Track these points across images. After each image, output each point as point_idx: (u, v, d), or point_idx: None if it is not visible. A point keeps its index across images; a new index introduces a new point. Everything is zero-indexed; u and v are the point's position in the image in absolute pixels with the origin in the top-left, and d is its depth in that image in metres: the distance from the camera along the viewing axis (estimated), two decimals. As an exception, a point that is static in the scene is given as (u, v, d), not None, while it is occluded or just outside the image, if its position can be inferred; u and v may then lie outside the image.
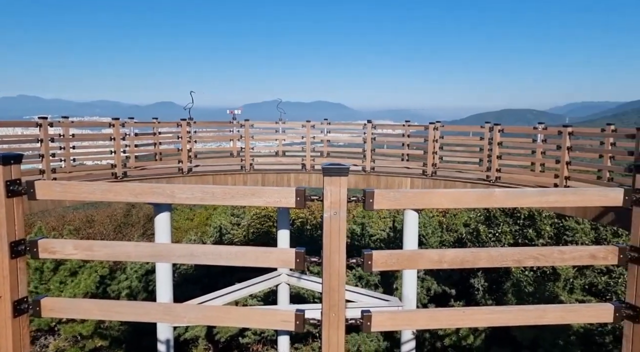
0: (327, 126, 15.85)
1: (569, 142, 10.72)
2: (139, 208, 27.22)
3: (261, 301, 17.08)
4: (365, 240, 21.79)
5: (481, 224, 19.89)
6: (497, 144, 12.08)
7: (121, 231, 25.61)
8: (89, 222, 25.88)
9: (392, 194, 2.53)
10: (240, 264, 2.52)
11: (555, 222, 17.45)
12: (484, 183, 12.29)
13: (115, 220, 26.48)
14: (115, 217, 26.84)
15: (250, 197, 2.47)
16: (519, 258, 2.70)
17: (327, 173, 2.44)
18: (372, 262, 2.53)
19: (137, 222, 26.91)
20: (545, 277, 15.79)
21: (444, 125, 13.93)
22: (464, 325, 2.76)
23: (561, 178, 10.77)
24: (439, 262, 2.64)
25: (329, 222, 2.46)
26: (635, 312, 2.65)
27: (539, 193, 2.72)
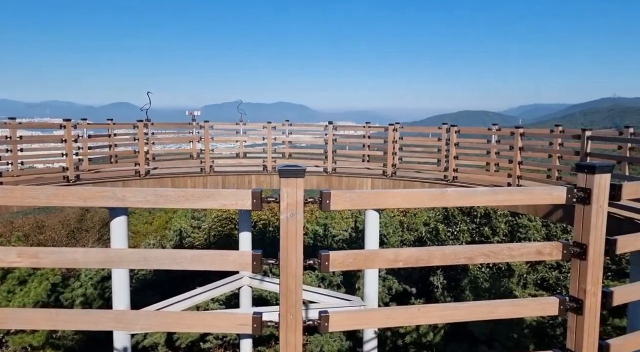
0: (289, 127, 15.83)
1: (520, 142, 11.15)
2: (94, 212, 26.25)
3: (223, 304, 16.83)
4: (328, 241, 21.89)
5: (440, 223, 20.38)
6: (453, 144, 12.42)
7: (75, 236, 24.61)
8: (40, 227, 24.72)
9: (348, 195, 2.55)
10: (196, 268, 2.48)
11: (510, 220, 18.13)
12: (441, 183, 12.60)
13: (68, 225, 25.41)
14: (68, 222, 25.77)
15: (205, 199, 2.43)
16: (470, 256, 2.78)
17: (283, 175, 2.44)
18: (329, 263, 2.55)
19: (92, 227, 25.94)
20: (500, 273, 16.37)
21: (403, 126, 14.19)
22: (420, 322, 2.82)
23: (514, 177, 11.19)
24: (395, 261, 2.68)
25: (286, 223, 2.46)
26: (578, 304, 2.79)
27: (489, 192, 2.82)
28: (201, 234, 22.70)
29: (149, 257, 2.44)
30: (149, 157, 13.06)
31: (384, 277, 17.37)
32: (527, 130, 11.91)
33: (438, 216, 20.84)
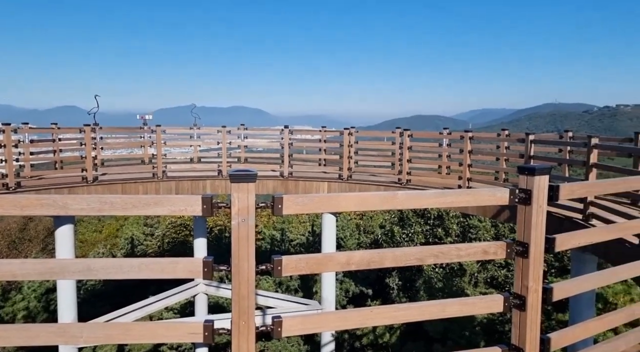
0: (244, 132, 15.67)
1: (469, 146, 11.56)
2: (38, 221, 24.92)
3: (178, 313, 16.40)
4: (285, 245, 21.82)
5: (395, 225, 20.79)
6: (407, 148, 12.71)
7: (16, 247, 23.25)
8: (-24, 239, 23.22)
9: (300, 199, 2.56)
10: (143, 276, 2.40)
11: (461, 221, 18.74)
12: (395, 186, 12.85)
13: (8, 235, 23.97)
14: (9, 231, 24.31)
15: (153, 206, 2.37)
16: (420, 256, 2.86)
17: (234, 179, 2.41)
18: (281, 268, 2.54)
19: (35, 236, 24.60)
20: (453, 273, 16.88)
21: (358, 130, 14.39)
22: (373, 324, 2.86)
23: (464, 179, 11.58)
24: (347, 264, 2.71)
25: (237, 229, 2.43)
26: (521, 301, 2.92)
27: (437, 194, 2.91)
28: (154, 242, 22.04)
29: (94, 267, 2.34)
30: (97, 162, 12.56)
31: (341, 280, 17.50)
32: (476, 134, 12.37)
33: (393, 218, 21.25)
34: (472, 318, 13.32)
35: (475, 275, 16.65)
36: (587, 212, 8.02)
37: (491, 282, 16.65)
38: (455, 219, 18.81)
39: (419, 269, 17.46)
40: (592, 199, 8.05)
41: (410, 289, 17.36)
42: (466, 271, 16.39)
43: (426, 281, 16.35)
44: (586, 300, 8.16)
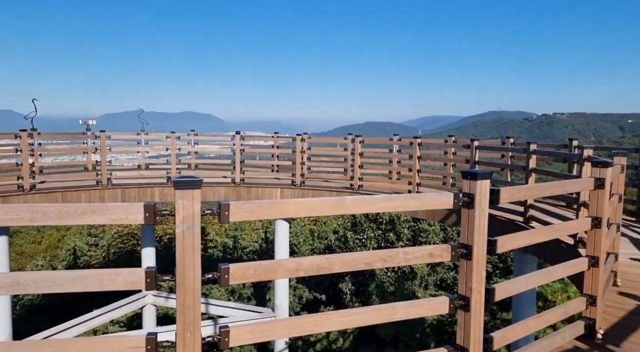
0: (194, 137, 15.35)
1: (418, 152, 11.88)
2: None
3: (125, 326, 15.73)
4: (238, 253, 21.49)
5: (349, 230, 20.97)
6: (358, 154, 12.88)
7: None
8: None
9: (248, 206, 2.52)
10: (80, 290, 2.28)
11: (412, 225, 19.18)
12: (348, 191, 12.98)
13: None
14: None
15: (90, 215, 2.25)
16: (369, 261, 2.88)
17: (179, 186, 2.34)
18: (229, 276, 2.48)
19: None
20: (404, 276, 17.22)
21: (311, 136, 14.43)
22: (322, 330, 2.85)
23: (413, 184, 11.87)
24: (296, 270, 2.69)
25: (182, 237, 2.36)
26: (466, 302, 3.01)
27: (384, 199, 2.95)
28: (99, 252, 21.05)
29: (24, 281, 2.19)
30: (35, 170, 11.86)
31: (295, 287, 17.43)
32: (424, 141, 12.73)
33: (347, 224, 21.44)
34: (423, 320, 13.63)
35: (425, 278, 17.08)
36: (527, 214, 8.42)
37: (440, 284, 17.13)
38: (406, 224, 19.23)
39: (372, 273, 17.69)
40: (531, 202, 8.47)
41: (363, 294, 17.54)
42: (417, 274, 16.78)
43: (378, 285, 16.58)
44: (527, 299, 8.55)
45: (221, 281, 2.48)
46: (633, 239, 7.67)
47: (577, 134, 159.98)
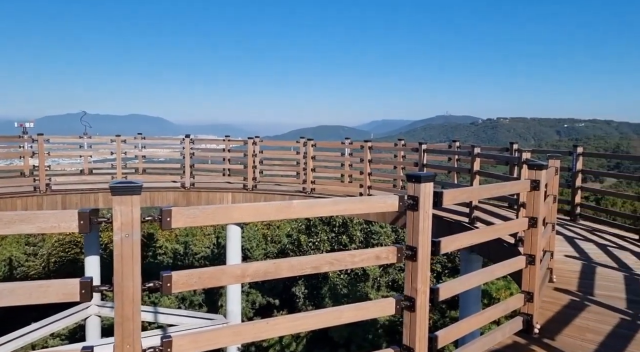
0: (142, 141, 14.85)
1: (369, 155, 12.07)
2: None
3: (66, 339, 14.93)
4: (189, 259, 20.95)
5: (302, 233, 20.96)
6: (310, 157, 12.92)
7: None
8: None
9: (191, 211, 2.46)
10: (7, 304, 2.13)
11: (364, 227, 19.45)
12: (300, 195, 12.99)
13: None
14: None
15: (18, 224, 2.11)
16: (316, 265, 2.88)
17: (116, 192, 2.24)
18: (171, 284, 2.41)
19: None
20: (357, 278, 17.42)
21: (262, 140, 14.34)
22: (269, 336, 2.82)
23: (365, 187, 12.05)
24: (242, 276, 2.65)
25: (120, 245, 2.26)
26: (411, 302, 3.07)
27: (331, 203, 2.97)
28: (38, 262, 19.88)
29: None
30: (-35, 175, 11.07)
31: (248, 292, 17.21)
32: (375, 144, 12.96)
33: (300, 227, 21.43)
34: (375, 321, 13.83)
35: (377, 279, 17.34)
36: (472, 216, 8.74)
37: (392, 285, 17.45)
38: (359, 226, 19.47)
39: (325, 276, 17.75)
40: (476, 203, 8.81)
41: (316, 297, 17.57)
42: (369, 276, 17.01)
43: (331, 287, 16.67)
44: (473, 297, 8.87)
45: (163, 289, 2.41)
46: (567, 237, 8.14)
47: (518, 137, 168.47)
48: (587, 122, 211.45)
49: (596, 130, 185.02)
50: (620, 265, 6.57)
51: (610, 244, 7.77)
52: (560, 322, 4.52)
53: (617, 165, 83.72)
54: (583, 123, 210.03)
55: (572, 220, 9.64)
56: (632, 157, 11.29)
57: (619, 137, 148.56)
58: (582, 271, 6.25)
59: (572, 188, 9.80)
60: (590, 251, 7.27)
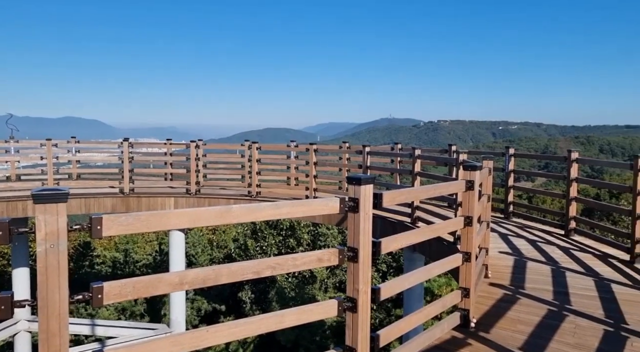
0: (76, 145, 14.09)
1: (315, 157, 12.14)
2: None
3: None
4: (130, 268, 20.11)
5: (249, 238, 20.71)
6: (255, 160, 12.81)
7: None
8: None
9: (124, 219, 2.35)
10: None
11: (312, 229, 19.51)
12: (246, 198, 12.83)
13: None
14: None
15: None
16: (257, 270, 2.85)
17: (39, 200, 2.11)
18: (102, 296, 2.29)
19: None
20: (305, 281, 17.44)
21: (206, 143, 14.04)
22: (210, 344, 2.75)
23: (310, 190, 12.09)
24: (180, 284, 2.57)
25: (45, 256, 2.13)
26: (353, 303, 3.11)
27: (272, 206, 2.95)
28: (-41, 276, 18.31)
29: None
30: None
31: (192, 299, 16.76)
32: (320, 147, 13.05)
33: (247, 231, 21.16)
34: (323, 322, 13.90)
35: (325, 281, 17.46)
36: (414, 216, 9.02)
37: (340, 286, 17.62)
38: (306, 229, 19.52)
39: (273, 280, 17.63)
40: (417, 204, 9.09)
41: (263, 301, 17.42)
42: (317, 278, 17.09)
43: (279, 291, 16.58)
44: (416, 295, 9.14)
45: (94, 301, 2.28)
46: (501, 234, 8.58)
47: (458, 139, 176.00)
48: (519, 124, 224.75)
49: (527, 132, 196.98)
50: (548, 259, 7.01)
51: (539, 240, 8.27)
52: (494, 315, 4.76)
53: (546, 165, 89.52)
54: (516, 125, 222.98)
55: (505, 217, 10.17)
56: (559, 158, 12.23)
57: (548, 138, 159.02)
58: (515, 265, 6.61)
59: (505, 187, 10.34)
60: (522, 247, 7.70)
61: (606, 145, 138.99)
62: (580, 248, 7.73)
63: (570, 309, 4.98)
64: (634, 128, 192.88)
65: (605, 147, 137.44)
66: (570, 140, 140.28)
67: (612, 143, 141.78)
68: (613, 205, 11.07)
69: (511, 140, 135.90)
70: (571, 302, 5.20)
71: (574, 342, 4.18)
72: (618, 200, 22.12)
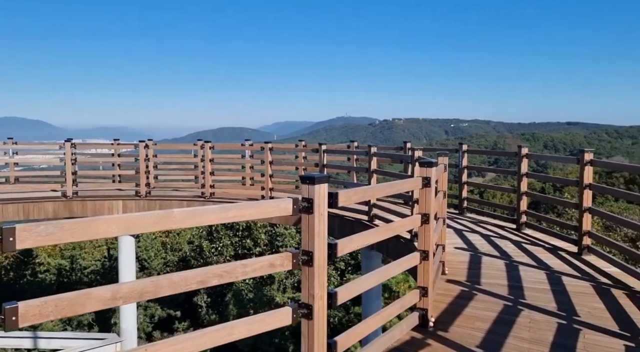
0: (14, 146, 13.16)
1: (270, 156, 11.88)
2: None
3: None
4: (77, 275, 19.10)
5: (204, 239, 20.16)
6: (209, 160, 12.40)
7: None
8: None
9: (43, 228, 2.06)
10: None
11: (269, 230, 19.22)
12: (199, 200, 12.42)
13: None
14: None
15: None
16: (203, 279, 2.61)
17: None
18: (17, 318, 1.98)
19: None
20: (262, 282, 17.12)
21: (156, 143, 13.47)
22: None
23: (266, 190, 11.84)
24: (113, 299, 2.29)
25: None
26: (309, 310, 2.93)
27: (220, 209, 2.71)
28: None
29: None
30: None
31: (145, 305, 16.10)
32: (275, 145, 12.80)
33: (202, 233, 20.58)
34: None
35: (283, 281, 17.22)
36: (371, 213, 8.96)
37: (298, 286, 17.44)
38: (263, 229, 19.21)
39: (229, 283, 17.23)
40: (374, 202, 9.04)
41: (220, 304, 16.98)
42: (275, 279, 16.82)
43: (236, 293, 16.21)
44: (374, 293, 9.11)
45: (7, 324, 1.98)
46: (457, 230, 8.67)
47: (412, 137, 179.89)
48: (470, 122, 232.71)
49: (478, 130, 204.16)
50: (501, 253, 7.11)
51: (492, 234, 8.42)
52: (452, 313, 4.72)
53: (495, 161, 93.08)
54: (467, 123, 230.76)
55: (460, 213, 10.32)
56: (508, 153, 12.87)
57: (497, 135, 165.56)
58: (470, 261, 6.66)
59: (459, 183, 10.49)
60: (476, 242, 7.79)
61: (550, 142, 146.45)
62: (531, 241, 7.92)
63: (524, 303, 5.02)
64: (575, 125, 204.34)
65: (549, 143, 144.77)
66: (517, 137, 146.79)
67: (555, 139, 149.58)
68: (561, 199, 11.49)
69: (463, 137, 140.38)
70: (525, 296, 5.26)
71: (530, 337, 4.19)
72: (562, 193, 23.18)
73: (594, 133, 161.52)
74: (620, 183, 26.92)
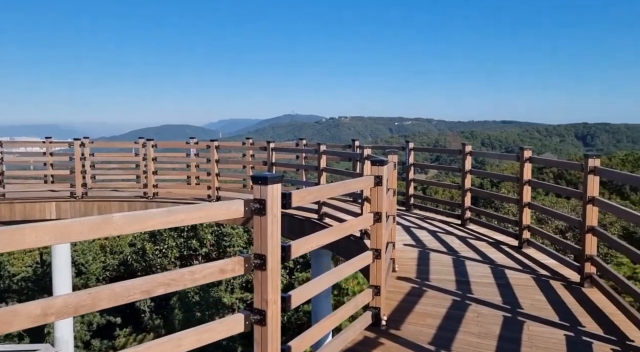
0: None
1: (216, 155, 11.55)
2: None
3: None
4: (5, 282, 17.75)
5: (147, 241, 19.36)
6: (151, 159, 11.88)
7: None
8: None
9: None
10: None
11: (215, 230, 18.75)
12: (141, 200, 11.87)
13: None
14: None
15: None
16: (147, 288, 2.42)
17: None
18: None
19: None
20: (209, 283, 16.70)
21: (93, 141, 12.72)
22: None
23: (213, 189, 11.49)
24: (44, 316, 2.06)
25: None
26: (262, 316, 2.80)
27: (165, 213, 2.53)
28: None
29: None
30: None
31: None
32: (222, 143, 12.47)
33: (145, 235, 19.74)
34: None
35: (231, 281, 16.87)
36: (321, 212, 8.92)
37: (247, 286, 17.15)
38: (210, 229, 18.71)
39: (174, 285, 16.64)
40: (324, 200, 9.00)
41: (165, 308, 16.37)
42: (222, 279, 16.44)
43: (181, 296, 15.68)
44: (324, 291, 9.08)
45: None
46: (405, 227, 8.82)
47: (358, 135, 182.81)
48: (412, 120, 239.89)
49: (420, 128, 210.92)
50: (448, 249, 7.29)
51: (439, 230, 8.63)
52: (404, 310, 4.75)
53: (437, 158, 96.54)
54: (410, 121, 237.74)
55: (407, 210, 10.52)
56: (449, 151, 13.48)
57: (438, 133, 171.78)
58: (419, 257, 6.77)
59: (406, 180, 10.68)
60: (424, 238, 7.95)
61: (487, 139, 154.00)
62: (476, 236, 8.19)
63: (472, 298, 5.15)
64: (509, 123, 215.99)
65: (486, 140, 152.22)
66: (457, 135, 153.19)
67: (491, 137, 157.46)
68: (502, 195, 12.02)
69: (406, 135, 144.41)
70: (472, 290, 5.40)
71: (478, 331, 4.29)
72: (498, 188, 24.35)
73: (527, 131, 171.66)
74: (550, 178, 28.88)
